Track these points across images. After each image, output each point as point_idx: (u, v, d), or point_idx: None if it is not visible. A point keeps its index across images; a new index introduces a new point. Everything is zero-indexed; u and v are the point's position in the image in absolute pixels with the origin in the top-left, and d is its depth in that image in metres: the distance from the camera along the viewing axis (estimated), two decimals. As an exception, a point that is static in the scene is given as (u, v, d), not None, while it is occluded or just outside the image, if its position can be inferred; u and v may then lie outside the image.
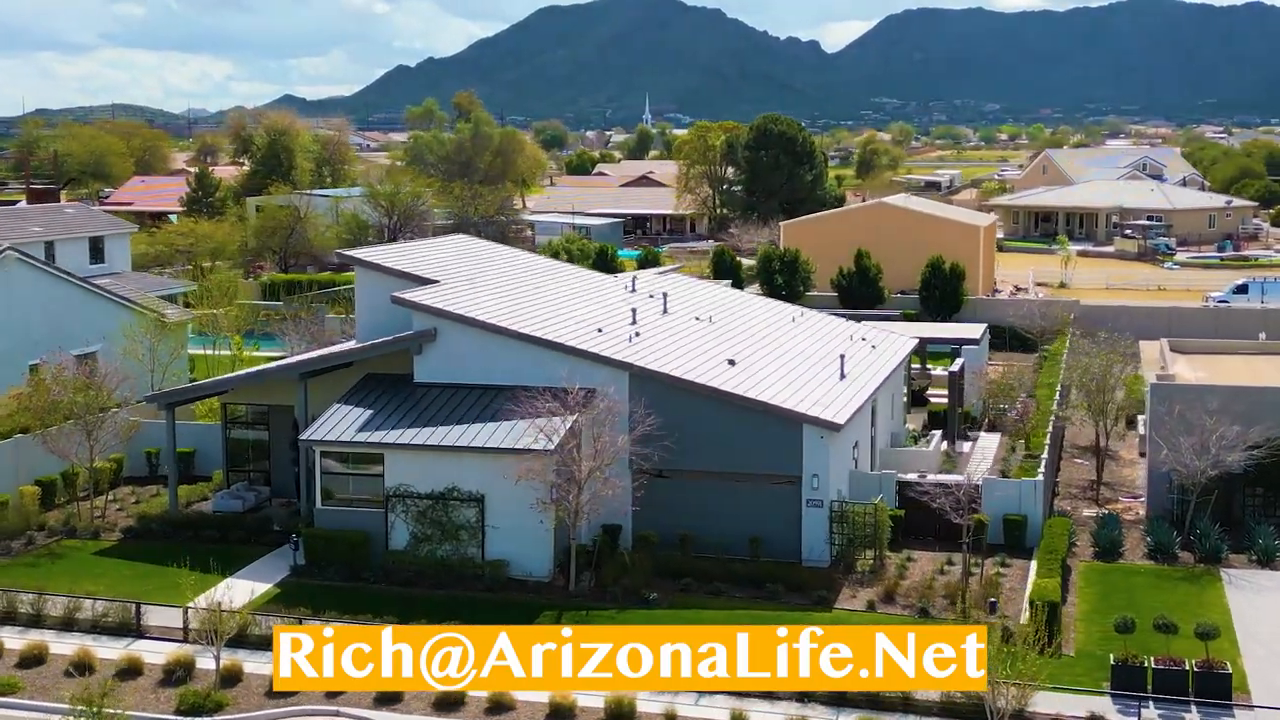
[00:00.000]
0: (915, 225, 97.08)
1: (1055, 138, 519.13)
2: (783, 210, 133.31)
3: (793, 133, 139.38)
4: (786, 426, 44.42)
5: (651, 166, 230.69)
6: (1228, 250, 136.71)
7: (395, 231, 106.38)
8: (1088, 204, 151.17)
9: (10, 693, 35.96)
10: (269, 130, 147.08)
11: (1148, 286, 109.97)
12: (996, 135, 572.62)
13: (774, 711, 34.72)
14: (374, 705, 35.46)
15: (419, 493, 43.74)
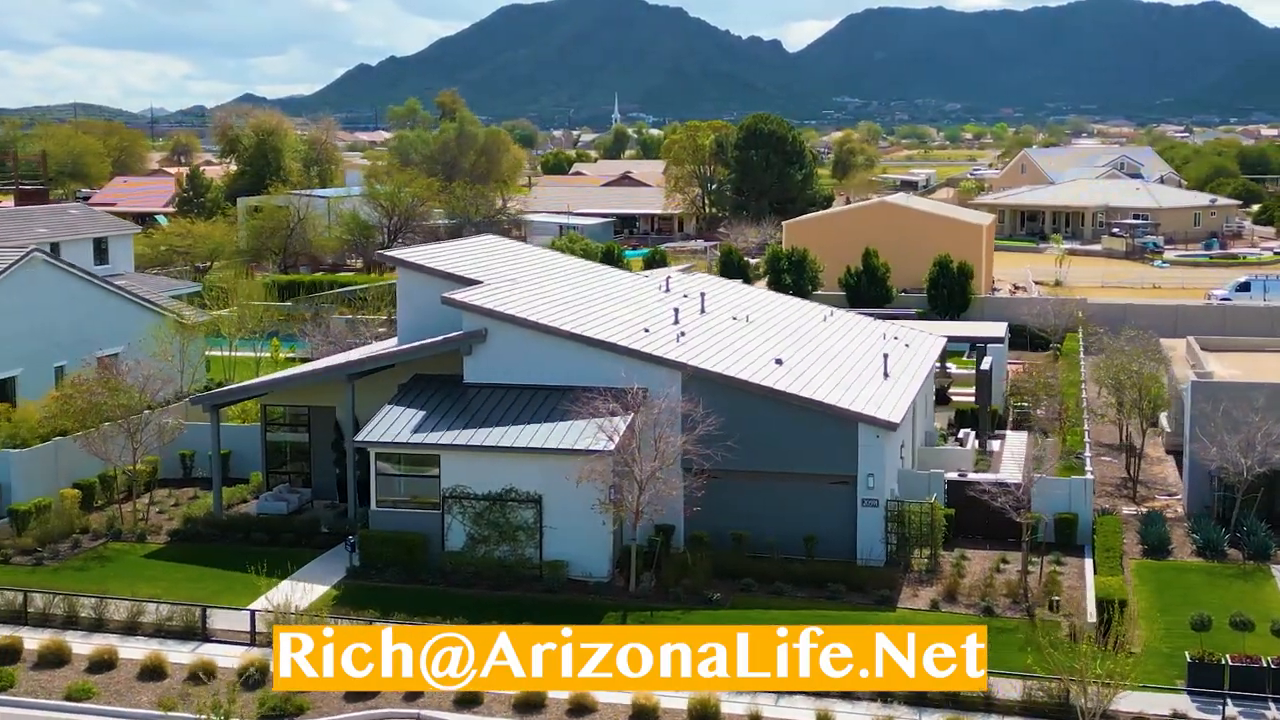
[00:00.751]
0: (918, 224, 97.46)
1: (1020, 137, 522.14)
2: (773, 209, 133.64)
3: (783, 132, 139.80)
4: (842, 426, 44.51)
5: (629, 166, 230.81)
6: (1214, 248, 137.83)
7: (395, 232, 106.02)
8: (1074, 203, 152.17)
9: (86, 698, 35.65)
10: (257, 130, 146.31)
11: (1142, 284, 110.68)
12: (961, 134, 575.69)
13: (856, 712, 34.71)
14: (453, 707, 35.34)
15: (476, 494, 43.63)
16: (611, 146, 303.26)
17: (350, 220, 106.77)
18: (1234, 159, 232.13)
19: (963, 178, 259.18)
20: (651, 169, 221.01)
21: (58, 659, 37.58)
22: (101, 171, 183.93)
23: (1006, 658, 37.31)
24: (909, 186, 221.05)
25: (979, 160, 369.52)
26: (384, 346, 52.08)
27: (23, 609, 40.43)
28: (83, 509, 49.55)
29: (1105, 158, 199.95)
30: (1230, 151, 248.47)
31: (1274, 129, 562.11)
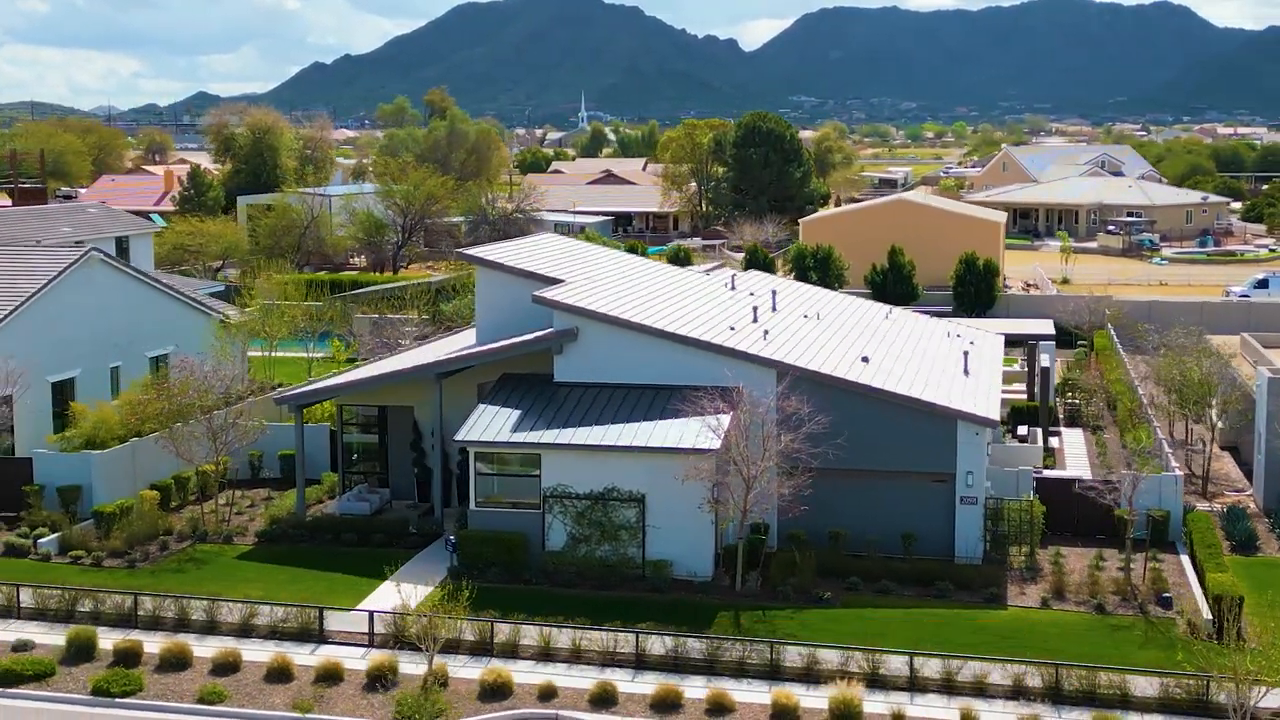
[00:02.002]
0: (936, 222, 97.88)
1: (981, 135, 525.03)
2: (772, 207, 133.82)
3: (781, 130, 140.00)
4: (941, 423, 44.59)
5: (608, 164, 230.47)
6: (1208, 245, 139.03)
7: (410, 231, 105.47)
8: (1067, 201, 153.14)
9: (218, 701, 35.33)
10: (253, 129, 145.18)
11: (1149, 281, 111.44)
12: (923, 133, 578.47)
13: (995, 710, 34.73)
14: (589, 707, 35.21)
15: (577, 493, 43.46)
16: (588, 145, 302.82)
17: (365, 219, 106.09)
18: (1208, 157, 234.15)
19: (936, 176, 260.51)
20: (631, 166, 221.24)
21: (180, 662, 37.20)
22: (82, 170, 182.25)
23: (1128, 654, 37.59)
24: (888, 185, 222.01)
25: (946, 158, 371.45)
26: (462, 346, 51.68)
27: (132, 612, 40.00)
28: (159, 510, 49.06)
29: (1085, 156, 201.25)
30: (1203, 150, 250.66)
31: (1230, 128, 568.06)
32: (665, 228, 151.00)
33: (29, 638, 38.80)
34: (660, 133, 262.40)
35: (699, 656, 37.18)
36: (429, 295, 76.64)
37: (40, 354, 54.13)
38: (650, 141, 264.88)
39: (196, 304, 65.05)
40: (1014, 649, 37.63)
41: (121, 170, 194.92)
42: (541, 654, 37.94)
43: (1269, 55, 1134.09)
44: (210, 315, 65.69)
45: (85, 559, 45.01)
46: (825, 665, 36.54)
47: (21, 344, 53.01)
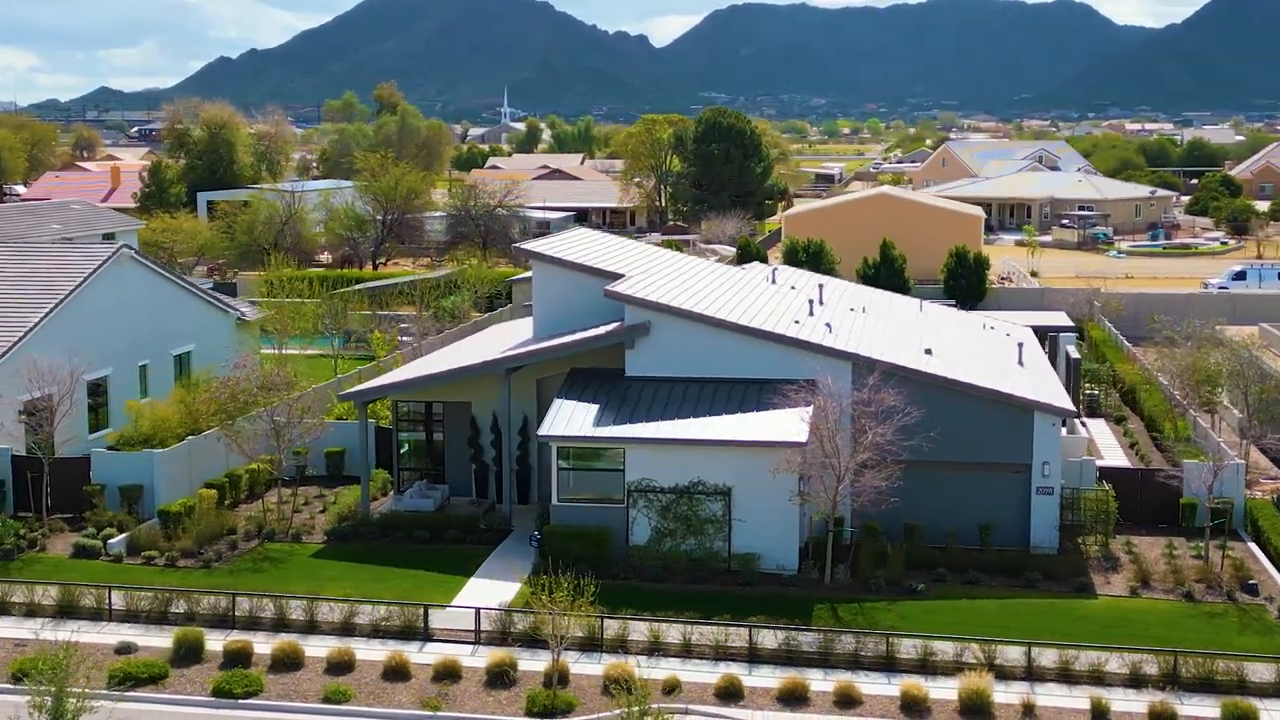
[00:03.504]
0: (917, 216, 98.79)
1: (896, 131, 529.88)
2: (733, 202, 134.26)
3: (741, 126, 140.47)
4: (1018, 414, 45.04)
5: (544, 159, 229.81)
6: (1160, 238, 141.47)
7: (390, 226, 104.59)
8: (1020, 195, 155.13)
9: (344, 700, 34.94)
10: (207, 125, 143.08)
11: (1113, 274, 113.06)
12: (839, 129, 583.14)
13: (1129, 699, 35.16)
14: (716, 701, 35.22)
15: (662, 487, 43.41)
16: (525, 140, 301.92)
17: (346, 214, 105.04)
18: (1136, 152, 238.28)
19: (868, 171, 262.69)
20: (570, 162, 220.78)
21: (293, 662, 36.73)
22: (16, 166, 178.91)
23: (1229, 641, 38.25)
24: (826, 180, 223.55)
25: (867, 154, 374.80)
26: (517, 340, 51.33)
27: (229, 612, 39.42)
28: (218, 509, 48.39)
29: (1023, 151, 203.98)
30: (1130, 145, 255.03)
31: (1137, 123, 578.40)
32: (622, 223, 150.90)
33: (129, 640, 38.11)
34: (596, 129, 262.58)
35: (812, 650, 37.29)
36: (436, 291, 76.06)
37: (76, 352, 53.09)
38: (587, 137, 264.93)
39: (216, 302, 64.16)
40: (1118, 637, 38.11)
41: (55, 166, 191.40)
42: (651, 648, 37.86)
43: (1168, 53, 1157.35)
44: (229, 313, 64.82)
45: (159, 559, 44.28)
46: (941, 657, 36.82)
47: (59, 342, 51.97)
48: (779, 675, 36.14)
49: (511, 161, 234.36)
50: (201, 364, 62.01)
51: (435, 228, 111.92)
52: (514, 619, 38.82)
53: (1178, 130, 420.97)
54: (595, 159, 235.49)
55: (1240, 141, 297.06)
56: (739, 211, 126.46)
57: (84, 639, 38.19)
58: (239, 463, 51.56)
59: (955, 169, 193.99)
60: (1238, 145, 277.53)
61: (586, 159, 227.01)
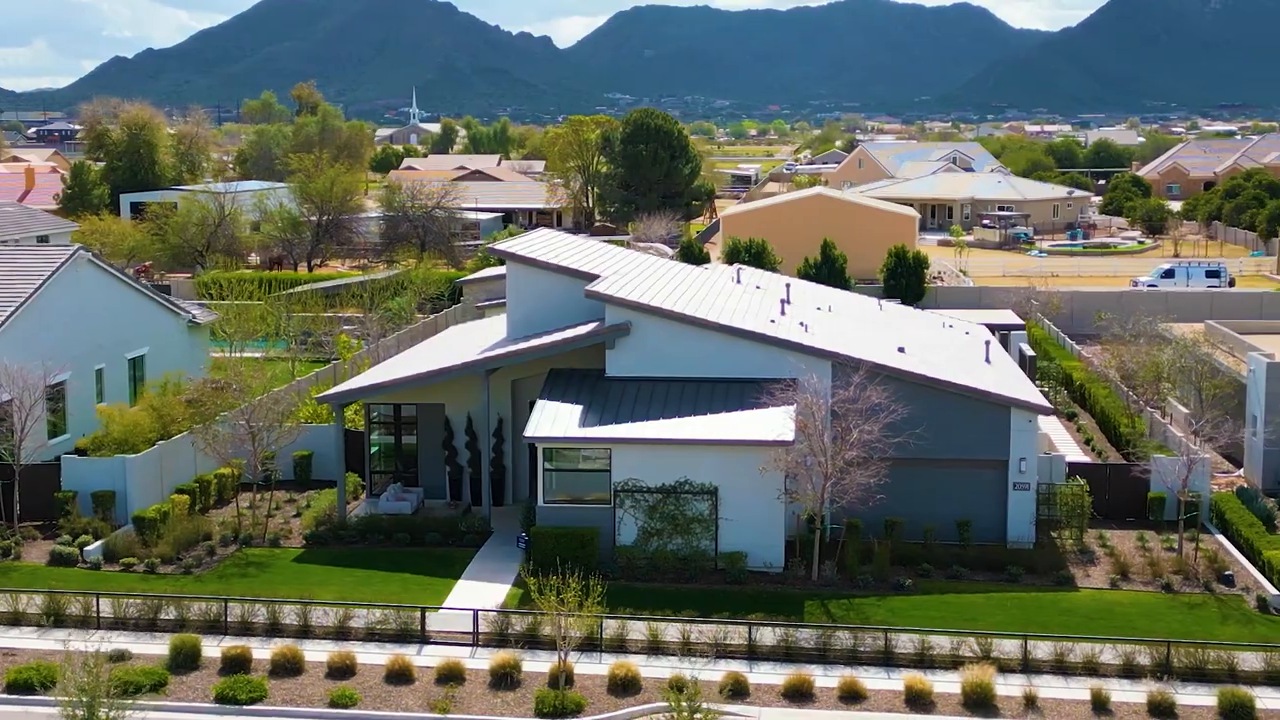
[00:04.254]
0: (854, 216, 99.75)
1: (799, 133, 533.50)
2: (661, 203, 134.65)
3: (669, 127, 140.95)
4: (995, 411, 45.71)
5: (460, 160, 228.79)
6: (1078, 238, 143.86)
7: (326, 228, 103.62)
8: (942, 196, 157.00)
9: (351, 704, 34.72)
10: (128, 126, 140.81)
11: (1040, 274, 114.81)
12: (746, 130, 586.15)
13: (1125, 688, 35.79)
14: (722, 698, 35.39)
15: (648, 487, 43.52)
16: (439, 141, 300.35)
17: (282, 216, 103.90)
18: (1044, 153, 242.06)
19: (781, 172, 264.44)
20: (486, 163, 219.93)
21: (294, 667, 36.42)
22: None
23: (1212, 630, 39.12)
24: (743, 181, 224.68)
25: (776, 154, 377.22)
26: (490, 341, 51.15)
27: (220, 618, 38.99)
28: (191, 515, 47.81)
29: (937, 153, 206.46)
30: (1038, 147, 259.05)
31: (1036, 125, 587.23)
32: (549, 224, 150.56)
33: (122, 647, 37.55)
34: (512, 129, 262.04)
35: (810, 646, 37.62)
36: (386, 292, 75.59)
37: (35, 356, 52.19)
38: (503, 138, 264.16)
39: (169, 304, 63.34)
40: (1104, 629, 38.86)
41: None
42: (651, 648, 37.98)
43: (1063, 56, 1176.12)
44: (180, 316, 64.03)
45: (138, 566, 43.68)
46: (938, 651, 37.32)
47: (18, 346, 51.07)
48: (781, 672, 36.44)
49: (427, 162, 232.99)
50: (155, 367, 61.22)
51: (369, 229, 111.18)
52: (511, 620, 38.75)
53: (1076, 132, 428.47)
54: (511, 160, 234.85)
55: (1141, 143, 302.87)
56: (668, 212, 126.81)
57: (74, 647, 37.68)
58: (207, 467, 51.01)
59: (872, 170, 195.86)
60: (1141, 146, 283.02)
61: (503, 160, 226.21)
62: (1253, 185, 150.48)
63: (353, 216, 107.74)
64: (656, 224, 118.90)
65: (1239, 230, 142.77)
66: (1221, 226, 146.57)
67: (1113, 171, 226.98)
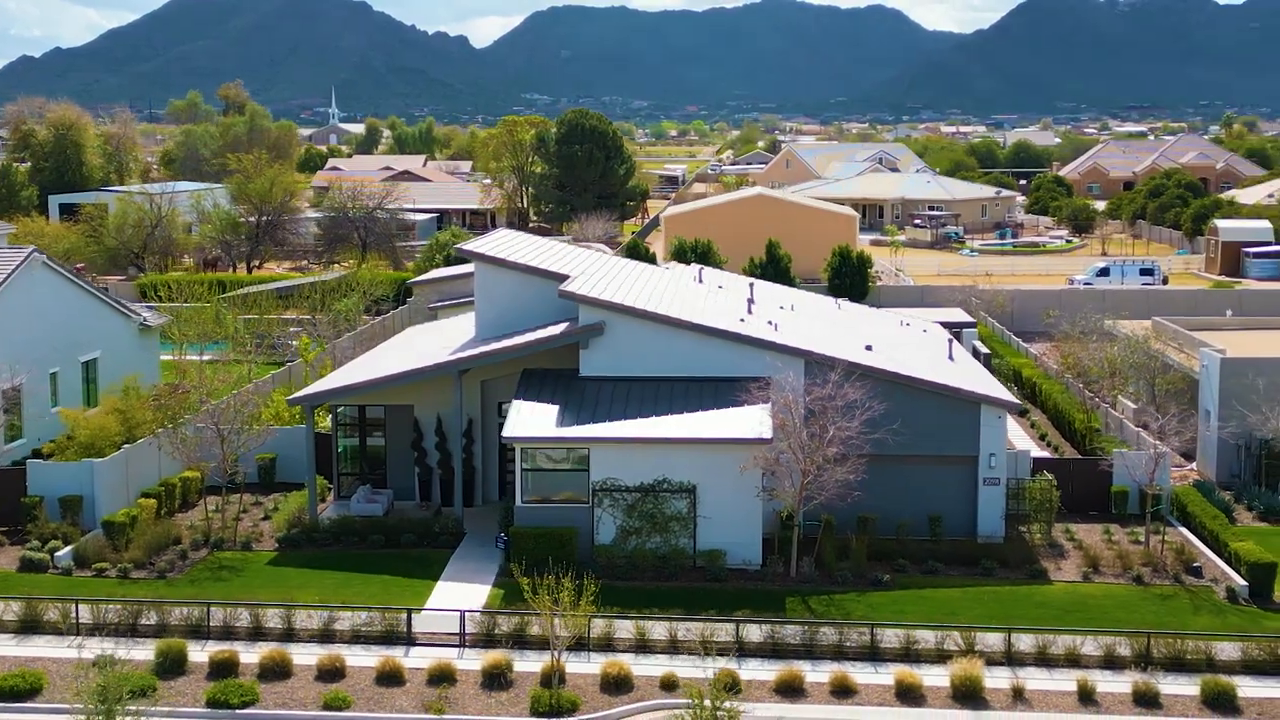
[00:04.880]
0: (795, 216, 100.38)
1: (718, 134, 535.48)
2: (597, 203, 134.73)
3: (604, 127, 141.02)
4: (965, 408, 46.28)
5: (386, 160, 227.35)
6: (1008, 237, 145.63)
7: (265, 229, 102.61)
8: (873, 196, 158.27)
9: (344, 707, 34.57)
10: (54, 126, 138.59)
11: (975, 272, 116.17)
12: (666, 131, 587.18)
13: (1111, 679, 36.37)
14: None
15: (627, 486, 43.64)
16: (364, 141, 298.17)
17: (221, 217, 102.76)
18: (966, 153, 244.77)
19: (707, 172, 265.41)
20: (412, 163, 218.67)
21: (282, 670, 36.20)
22: None
23: (1186, 621, 39.86)
24: (671, 181, 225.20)
25: (699, 155, 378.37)
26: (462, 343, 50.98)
27: (202, 622, 38.63)
28: (157, 519, 47.29)
29: (862, 154, 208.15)
30: (960, 148, 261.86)
31: (952, 126, 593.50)
32: (483, 225, 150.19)
33: (107, 653, 37.01)
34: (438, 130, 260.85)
35: (797, 642, 37.92)
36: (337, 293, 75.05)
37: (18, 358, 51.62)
38: (428, 138, 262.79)
39: (120, 307, 62.57)
40: (1080, 621, 39.49)
41: None
42: (639, 646, 38.10)
43: (975, 58, 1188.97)
44: (131, 318, 63.28)
45: (110, 571, 43.13)
46: (923, 645, 37.75)
47: (-25, 349, 50.36)
48: (770, 668, 36.72)
49: (352, 163, 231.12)
50: (107, 371, 60.56)
51: (308, 229, 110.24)
52: (498, 621, 38.72)
53: (991, 132, 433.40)
54: (438, 160, 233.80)
55: (1058, 143, 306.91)
56: (605, 213, 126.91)
57: (53, 654, 37.28)
58: (170, 471, 50.52)
59: (800, 171, 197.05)
60: (1059, 147, 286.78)
61: (429, 160, 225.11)
62: (1174, 185, 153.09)
63: (292, 217, 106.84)
64: (595, 224, 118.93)
65: (1163, 229, 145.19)
66: (1146, 225, 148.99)
67: (1033, 172, 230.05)
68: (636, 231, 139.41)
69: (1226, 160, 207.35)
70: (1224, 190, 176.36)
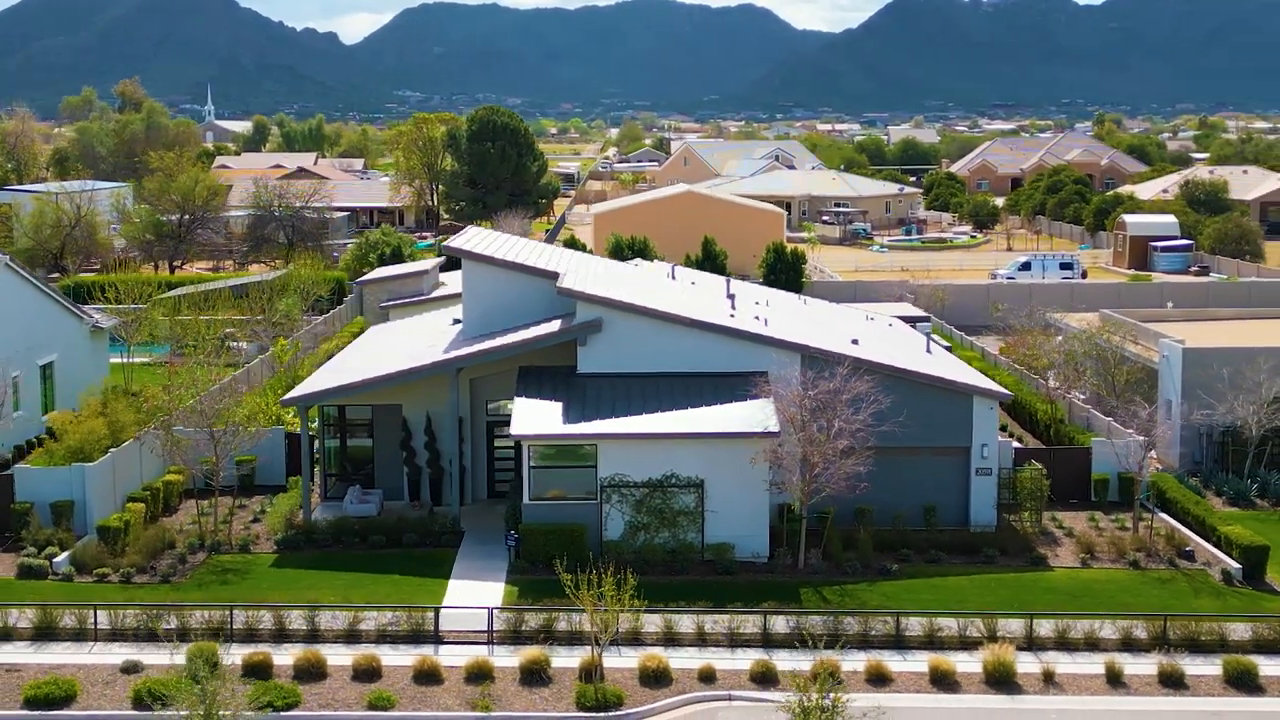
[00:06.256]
0: (724, 213, 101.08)
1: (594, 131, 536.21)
2: (510, 201, 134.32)
3: (516, 125, 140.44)
4: (958, 399, 47.10)
5: (276, 158, 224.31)
6: (913, 233, 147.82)
7: (188, 228, 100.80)
8: (779, 193, 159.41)
9: (389, 706, 34.36)
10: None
11: (892, 268, 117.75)
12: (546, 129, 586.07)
13: (1139, 661, 37.28)
14: (754, 686, 35.96)
15: (635, 481, 43.80)
16: (252, 138, 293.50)
17: (146, 216, 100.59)
18: (856, 151, 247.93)
19: (598, 170, 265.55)
20: (302, 161, 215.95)
21: (318, 671, 35.90)
22: None
23: (1190, 603, 41.03)
24: (568, 179, 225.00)
25: (584, 152, 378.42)
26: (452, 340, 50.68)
27: (224, 625, 38.06)
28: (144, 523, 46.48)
29: (759, 151, 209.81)
30: (849, 146, 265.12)
31: (827, 124, 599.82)
32: (392, 222, 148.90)
33: (133, 659, 36.47)
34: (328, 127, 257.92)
35: (821, 632, 38.32)
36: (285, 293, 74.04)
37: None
38: (318, 135, 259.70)
39: (73, 309, 61.29)
40: (1090, 605, 40.44)
41: None
42: (667, 639, 38.31)
43: (845, 57, 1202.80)
44: (83, 320, 62.03)
45: (112, 576, 42.32)
46: (946, 632, 38.43)
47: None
48: (801, 659, 36.97)
49: (241, 161, 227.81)
50: (63, 374, 59.36)
51: (222, 229, 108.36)
52: (525, 617, 38.67)
53: (864, 130, 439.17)
54: (329, 158, 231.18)
55: (938, 141, 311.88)
56: (520, 210, 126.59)
57: (79, 660, 36.57)
58: (150, 474, 49.71)
59: (698, 168, 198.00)
60: (944, 144, 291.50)
61: (320, 158, 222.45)
62: (1070, 181, 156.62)
63: (215, 216, 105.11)
64: (512, 222, 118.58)
65: (1063, 224, 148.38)
66: (1046, 221, 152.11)
67: (922, 169, 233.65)
68: (549, 230, 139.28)
69: (1110, 157, 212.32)
70: (1107, 186, 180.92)
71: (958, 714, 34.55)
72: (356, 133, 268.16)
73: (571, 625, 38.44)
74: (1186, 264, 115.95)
